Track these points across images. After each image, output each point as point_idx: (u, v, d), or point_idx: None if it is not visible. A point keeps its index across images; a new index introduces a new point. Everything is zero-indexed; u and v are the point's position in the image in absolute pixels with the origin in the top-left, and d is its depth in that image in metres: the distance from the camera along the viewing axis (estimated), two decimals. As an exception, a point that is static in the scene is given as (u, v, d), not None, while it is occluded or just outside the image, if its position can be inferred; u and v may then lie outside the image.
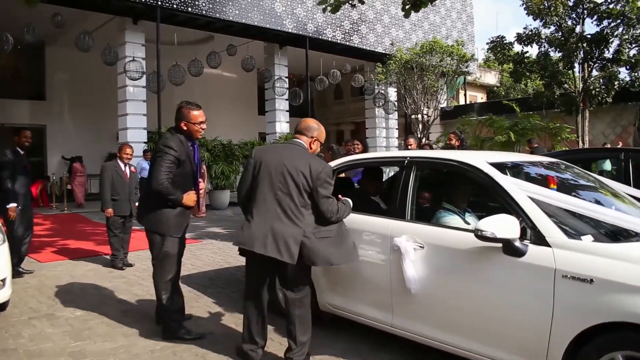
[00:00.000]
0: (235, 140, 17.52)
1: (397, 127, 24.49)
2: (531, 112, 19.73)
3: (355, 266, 3.91)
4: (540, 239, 3.08)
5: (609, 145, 17.84)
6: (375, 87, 21.23)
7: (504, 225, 3.06)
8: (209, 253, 8.40)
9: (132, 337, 4.39)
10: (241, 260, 7.57)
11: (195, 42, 18.77)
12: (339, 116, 28.58)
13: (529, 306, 3.06)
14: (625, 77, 19.48)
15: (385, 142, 23.66)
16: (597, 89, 19.11)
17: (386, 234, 3.83)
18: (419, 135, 20.09)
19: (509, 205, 3.32)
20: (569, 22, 19.56)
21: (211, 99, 22.13)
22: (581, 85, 19.43)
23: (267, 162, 3.59)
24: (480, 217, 3.87)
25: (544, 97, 20.28)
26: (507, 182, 3.42)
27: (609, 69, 19.35)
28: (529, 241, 3.11)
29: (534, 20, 19.82)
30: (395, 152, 4.64)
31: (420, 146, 9.98)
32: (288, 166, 3.53)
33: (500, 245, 3.11)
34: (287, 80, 19.82)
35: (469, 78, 26.94)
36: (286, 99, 19.79)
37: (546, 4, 19.22)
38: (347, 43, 20.44)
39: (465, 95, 30.19)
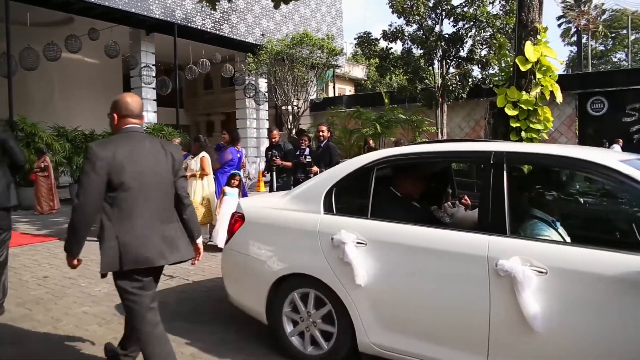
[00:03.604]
0: (98, 131, 16.55)
1: (267, 118, 24.56)
2: (395, 106, 20.71)
3: (427, 296, 3.12)
4: None
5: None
6: (246, 77, 21.12)
7: None
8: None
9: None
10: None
11: (52, 24, 17.46)
12: (209, 106, 28.07)
13: None
14: (477, 75, 21.07)
15: (256, 132, 23.61)
16: (453, 85, 20.51)
17: (481, 254, 2.91)
18: (289, 127, 20.37)
19: None
20: (430, 22, 20.73)
21: (71, 86, 20.78)
22: (440, 81, 20.72)
23: (130, 160, 2.93)
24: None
25: (407, 91, 21.37)
26: None
27: (464, 67, 20.84)
28: None
29: (399, 18, 20.77)
30: (471, 144, 3.71)
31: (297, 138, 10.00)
32: (157, 160, 3.04)
33: None
34: (154, 68, 19.10)
35: (337, 71, 27.69)
36: (153, 88, 19.06)
37: (409, 4, 20.20)
38: (217, 32, 20.11)
39: (334, 87, 30.96)
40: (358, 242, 3.34)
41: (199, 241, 3.30)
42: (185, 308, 5.05)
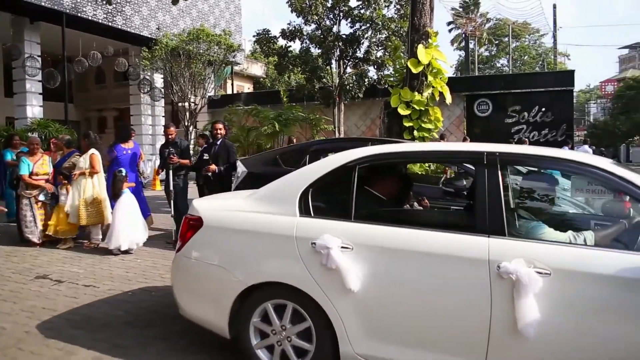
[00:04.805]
0: (-26, 124, 15.34)
1: (163, 115, 23.84)
2: (294, 104, 20.87)
3: (420, 302, 2.99)
4: None
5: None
6: (141, 72, 20.38)
7: None
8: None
9: None
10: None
11: None
12: (101, 101, 26.77)
13: None
14: (373, 76, 21.68)
15: (151, 129, 22.85)
16: (350, 85, 20.96)
17: (482, 257, 2.83)
18: (186, 124, 19.92)
19: None
20: (328, 22, 21.03)
21: (-57, 76, 19.04)
22: (337, 81, 21.09)
23: None
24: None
25: (306, 90, 21.58)
26: None
27: (361, 67, 21.36)
28: None
29: (297, 17, 20.89)
30: (461, 145, 3.66)
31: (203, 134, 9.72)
32: None
33: None
34: (40, 59, 17.90)
35: (236, 68, 27.43)
36: (39, 81, 17.87)
37: (307, 3, 20.38)
38: (110, 24, 19.19)
39: (232, 84, 30.65)
40: (343, 247, 3.14)
41: None
42: (75, 315, 4.81)
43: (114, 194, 7.70)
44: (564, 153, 3.18)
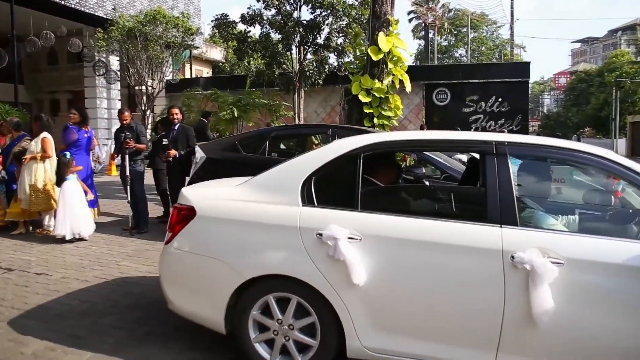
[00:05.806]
0: None
1: (119, 98, 23.27)
2: (254, 89, 20.69)
3: (432, 294, 2.94)
4: None
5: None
6: (96, 54, 19.79)
7: None
8: None
9: None
10: None
11: None
12: (54, 83, 25.88)
13: None
14: (334, 62, 21.65)
15: (107, 113, 22.28)
16: (310, 71, 20.89)
17: (495, 247, 2.81)
18: (143, 108, 19.52)
19: None
20: (288, 7, 20.85)
21: None
22: (297, 67, 20.99)
23: None
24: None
25: (265, 75, 21.41)
26: None
27: (321, 54, 21.30)
28: None
29: (257, 1, 20.65)
30: (470, 134, 3.62)
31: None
32: None
33: None
34: (-14, 38, 17.20)
35: (195, 52, 26.95)
36: (-15, 60, 17.16)
37: (268, -13, 20.15)
38: (63, 2, 18.54)
39: (191, 68, 30.13)
40: (350, 237, 3.04)
41: None
42: (26, 304, 4.65)
43: (59, 179, 7.44)
44: (571, 143, 3.20)
